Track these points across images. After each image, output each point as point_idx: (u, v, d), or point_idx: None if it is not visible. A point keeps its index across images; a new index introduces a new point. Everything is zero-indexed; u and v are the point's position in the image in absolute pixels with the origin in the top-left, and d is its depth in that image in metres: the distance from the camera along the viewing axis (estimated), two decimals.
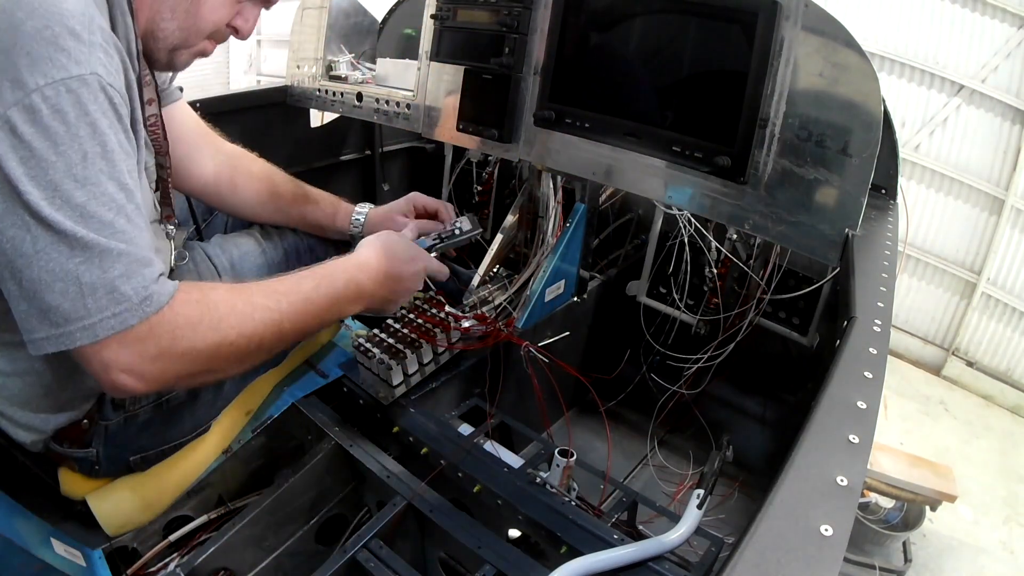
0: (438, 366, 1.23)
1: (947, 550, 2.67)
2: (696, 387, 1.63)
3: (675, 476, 1.57)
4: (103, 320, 0.68)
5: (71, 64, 0.66)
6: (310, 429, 1.14)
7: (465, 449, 1.06)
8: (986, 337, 4.08)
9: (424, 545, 1.03)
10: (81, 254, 0.67)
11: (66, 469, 0.98)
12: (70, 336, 0.68)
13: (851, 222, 1.00)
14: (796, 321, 1.54)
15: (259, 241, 1.18)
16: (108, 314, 0.68)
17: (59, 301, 0.67)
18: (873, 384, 0.67)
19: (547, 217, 1.47)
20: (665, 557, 0.88)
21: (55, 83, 0.65)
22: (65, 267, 0.67)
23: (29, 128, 0.65)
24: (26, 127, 0.65)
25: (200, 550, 0.94)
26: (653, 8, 1.16)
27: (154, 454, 1.01)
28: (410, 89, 1.52)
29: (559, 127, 1.26)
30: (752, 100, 1.02)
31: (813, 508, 0.50)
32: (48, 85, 0.65)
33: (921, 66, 3.92)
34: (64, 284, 0.67)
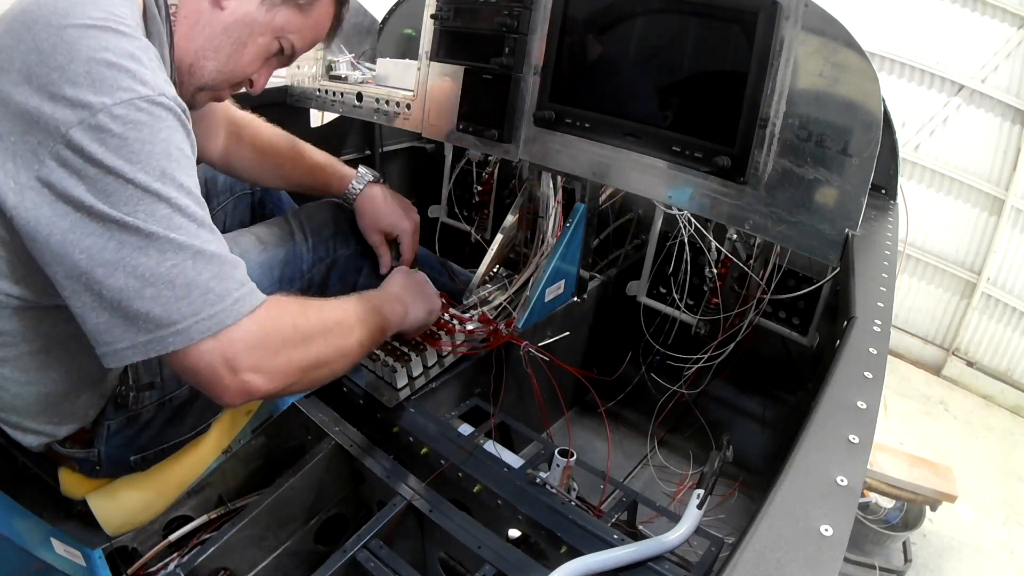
0: (442, 368, 1.23)
1: (947, 550, 2.67)
2: (696, 387, 1.63)
3: (675, 476, 1.57)
4: (198, 323, 0.67)
5: (138, 85, 0.66)
6: (310, 429, 1.14)
7: (465, 449, 1.06)
8: (986, 337, 4.08)
9: (424, 545, 1.03)
10: (173, 256, 0.66)
11: (66, 469, 0.98)
12: (162, 342, 0.67)
13: (851, 222, 1.00)
14: (796, 321, 1.54)
15: (260, 240, 1.18)
16: (203, 315, 0.67)
17: (149, 307, 0.65)
18: (873, 384, 0.67)
19: (547, 217, 1.47)
20: (665, 557, 0.88)
21: (124, 103, 0.64)
22: (157, 271, 0.65)
23: (98, 147, 0.63)
24: (95, 146, 0.63)
25: (200, 550, 0.94)
26: (653, 8, 1.16)
27: (154, 453, 1.01)
28: (410, 89, 1.52)
29: (559, 127, 1.26)
30: (752, 100, 1.02)
31: (813, 508, 0.50)
32: (117, 104, 0.64)
33: (921, 66, 3.92)
34: (156, 289, 0.65)
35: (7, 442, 0.93)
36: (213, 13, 0.84)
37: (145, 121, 0.66)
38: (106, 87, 0.64)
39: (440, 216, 2.14)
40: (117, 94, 0.64)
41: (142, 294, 0.65)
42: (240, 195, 1.37)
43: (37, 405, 0.85)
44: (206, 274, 0.68)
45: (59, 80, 0.64)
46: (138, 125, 0.65)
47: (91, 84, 0.64)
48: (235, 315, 0.70)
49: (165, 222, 0.66)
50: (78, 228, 0.64)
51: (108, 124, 0.64)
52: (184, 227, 0.67)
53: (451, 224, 2.13)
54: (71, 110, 0.63)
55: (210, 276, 0.68)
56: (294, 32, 0.91)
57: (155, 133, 0.66)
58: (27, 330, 0.77)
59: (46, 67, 0.64)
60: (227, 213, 1.36)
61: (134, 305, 0.65)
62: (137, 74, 0.66)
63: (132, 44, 0.68)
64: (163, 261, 0.66)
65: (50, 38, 0.65)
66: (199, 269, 0.67)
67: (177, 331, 0.67)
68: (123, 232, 0.64)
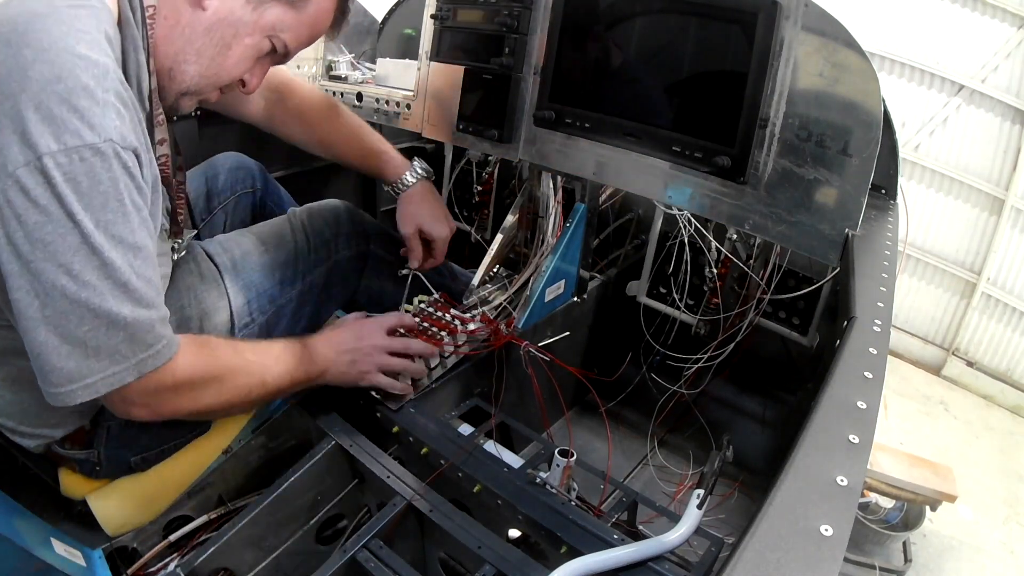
0: (444, 369, 1.23)
1: (947, 550, 2.67)
2: (696, 387, 1.63)
3: (675, 476, 1.57)
4: (104, 379, 0.73)
5: (84, 129, 0.65)
6: (310, 429, 1.14)
7: (465, 449, 1.06)
8: (986, 337, 4.08)
9: (424, 545, 1.03)
10: (91, 322, 0.70)
11: (66, 469, 0.98)
12: (72, 395, 0.72)
13: (851, 222, 1.00)
14: (796, 321, 1.54)
15: (261, 240, 1.18)
16: (108, 373, 0.73)
17: (63, 363, 0.70)
18: (873, 384, 0.67)
19: (547, 217, 1.47)
20: (665, 557, 0.88)
21: (68, 150, 0.65)
22: (75, 333, 0.69)
23: (43, 192, 0.65)
24: (40, 190, 0.65)
25: (200, 550, 0.94)
26: (653, 8, 1.16)
27: (154, 454, 1.01)
28: (410, 89, 1.52)
29: (559, 127, 1.26)
30: (752, 100, 1.02)
31: (813, 508, 0.50)
32: (61, 152, 0.64)
33: (921, 66, 3.92)
34: (71, 347, 0.70)
35: (7, 443, 0.93)
36: (194, 14, 0.80)
37: (87, 172, 0.66)
38: (53, 129, 0.64)
39: None
40: (63, 138, 0.64)
41: (59, 350, 0.70)
42: (241, 194, 1.37)
43: (33, 410, 0.86)
44: (116, 339, 0.72)
45: (10, 110, 0.64)
46: (80, 175, 0.66)
47: (40, 121, 0.64)
48: (136, 374, 0.75)
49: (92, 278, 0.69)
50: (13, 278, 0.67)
51: (52, 171, 0.64)
52: (108, 289, 0.70)
53: None
54: (19, 148, 0.64)
55: (120, 340, 0.73)
56: (286, 30, 0.87)
57: (95, 185, 0.67)
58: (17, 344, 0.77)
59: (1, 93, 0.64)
60: (228, 212, 1.36)
61: (52, 360, 0.70)
62: (86, 114, 0.66)
63: (87, 72, 0.66)
64: (81, 325, 0.70)
65: (6, 60, 0.64)
66: (111, 334, 0.72)
67: (85, 386, 0.72)
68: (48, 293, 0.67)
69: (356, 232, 1.30)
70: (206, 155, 1.46)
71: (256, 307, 1.11)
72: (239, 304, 1.08)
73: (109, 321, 0.71)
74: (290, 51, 0.91)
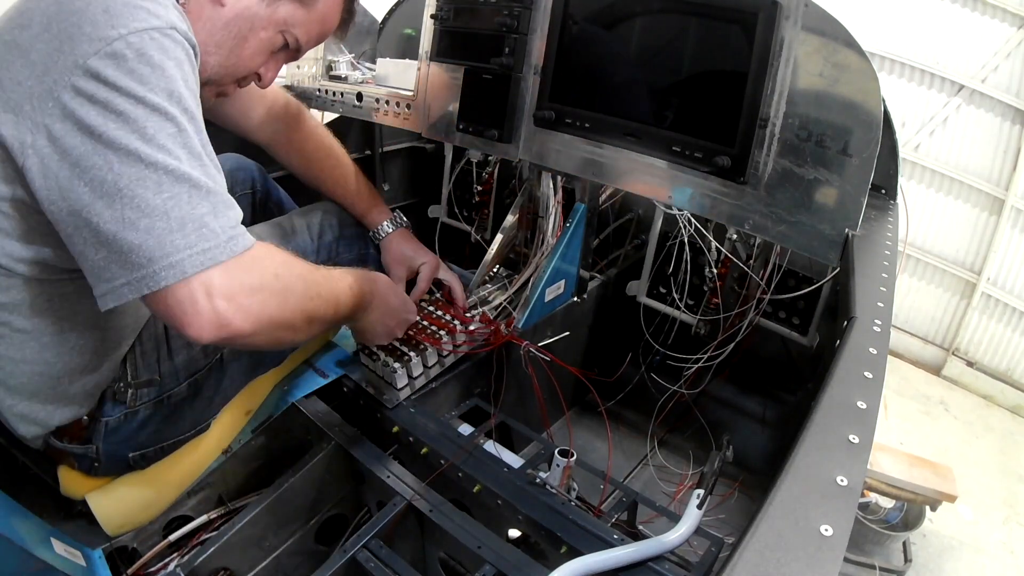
0: (443, 368, 1.23)
1: (947, 550, 2.67)
2: (696, 387, 1.63)
3: (675, 476, 1.57)
4: (191, 256, 0.67)
5: (151, 18, 0.69)
6: (310, 429, 1.14)
7: (465, 449, 1.06)
8: (986, 337, 4.08)
9: (424, 545, 1.03)
10: (169, 188, 0.66)
11: (66, 468, 0.98)
12: (154, 277, 0.66)
13: (851, 222, 1.00)
14: (796, 321, 1.54)
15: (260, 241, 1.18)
16: (197, 250, 0.67)
17: (143, 239, 0.65)
18: (873, 384, 0.67)
19: (547, 217, 1.47)
20: (665, 557, 0.88)
21: (138, 32, 0.67)
22: (152, 202, 0.65)
23: (113, 71, 0.66)
24: (110, 71, 0.66)
25: (200, 550, 0.94)
26: (653, 8, 1.16)
27: (153, 452, 1.01)
28: (410, 89, 1.52)
29: (559, 127, 1.26)
30: (752, 100, 1.02)
31: (813, 508, 0.50)
32: (131, 33, 0.67)
33: (921, 66, 3.92)
34: (150, 220, 0.65)
35: (8, 441, 0.93)
36: (214, 9, 0.85)
37: (157, 48, 0.69)
38: (122, 20, 0.67)
39: (440, 216, 2.14)
40: (132, 24, 0.68)
41: (137, 226, 0.65)
42: (241, 195, 1.37)
43: (31, 385, 0.86)
44: (201, 208, 0.68)
45: (78, 21, 0.67)
46: (151, 51, 0.68)
47: (108, 19, 0.67)
48: (228, 252, 0.69)
49: (168, 144, 0.67)
50: (84, 160, 0.65)
51: (123, 51, 0.66)
52: (185, 154, 0.69)
53: (451, 224, 2.13)
54: (88, 43, 0.66)
55: (205, 211, 0.68)
56: (298, 26, 0.92)
57: (165, 59, 0.69)
58: (24, 307, 0.78)
59: (65, 12, 0.67)
60: None
61: (129, 237, 0.65)
62: (152, 10, 0.70)
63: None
64: (159, 192, 0.66)
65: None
66: (194, 203, 0.68)
67: (170, 264, 0.66)
68: (123, 162, 0.65)
69: (357, 235, 1.31)
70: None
71: None
72: None
73: (191, 185, 0.68)
74: (302, 47, 0.96)
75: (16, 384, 0.85)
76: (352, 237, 1.29)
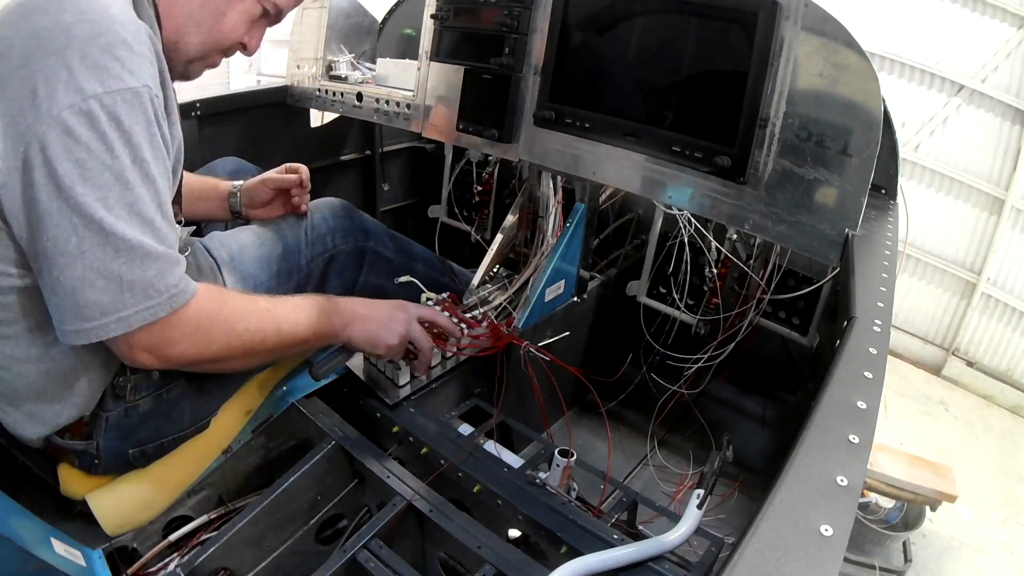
0: (445, 370, 1.23)
1: (947, 550, 2.67)
2: (696, 387, 1.63)
3: (675, 476, 1.57)
4: (137, 312, 0.75)
5: (125, 75, 0.71)
6: (310, 429, 1.14)
7: (465, 449, 1.06)
8: (986, 337, 4.08)
9: (424, 545, 1.03)
10: (126, 255, 0.73)
11: (66, 467, 0.98)
12: (104, 328, 0.74)
13: (851, 222, 1.00)
14: (796, 321, 1.54)
15: (258, 235, 1.19)
16: (142, 307, 0.75)
17: (98, 296, 0.73)
18: (873, 384, 0.67)
19: (547, 217, 1.47)
20: (665, 557, 0.88)
21: (112, 92, 0.70)
22: (109, 266, 0.72)
23: (86, 131, 0.69)
24: (83, 130, 0.69)
25: (200, 550, 0.94)
26: (653, 8, 1.16)
27: (153, 448, 1.01)
28: (410, 89, 1.52)
29: (559, 127, 1.26)
30: (752, 100, 1.02)
31: (813, 508, 0.50)
32: (106, 94, 0.70)
33: (921, 66, 3.92)
34: (106, 282, 0.73)
35: (8, 441, 0.93)
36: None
37: (128, 110, 0.72)
38: (98, 74, 0.69)
39: (440, 216, 2.14)
40: (107, 82, 0.70)
41: (94, 285, 0.72)
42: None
43: (37, 385, 0.86)
44: (150, 272, 0.76)
45: (55, 64, 0.68)
46: (122, 115, 0.71)
47: (84, 70, 0.69)
48: (166, 310, 0.78)
49: (126, 212, 0.73)
50: (48, 217, 0.70)
51: (96, 111, 0.69)
52: (141, 220, 0.74)
53: (451, 224, 2.13)
54: (64, 93, 0.68)
55: (153, 274, 0.76)
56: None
57: (134, 123, 0.73)
58: (30, 304, 0.80)
59: (43, 51, 0.69)
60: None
61: (86, 294, 0.72)
62: (126, 63, 0.72)
63: (125, 29, 0.72)
64: (116, 258, 0.73)
65: (48, 24, 0.69)
66: (145, 267, 0.75)
67: (119, 319, 0.74)
68: (87, 228, 0.71)
69: (354, 227, 1.31)
70: (205, 157, 1.46)
71: None
72: None
73: (143, 254, 0.74)
74: (282, 11, 0.97)
75: (23, 385, 0.86)
76: (347, 229, 1.29)
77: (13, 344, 0.82)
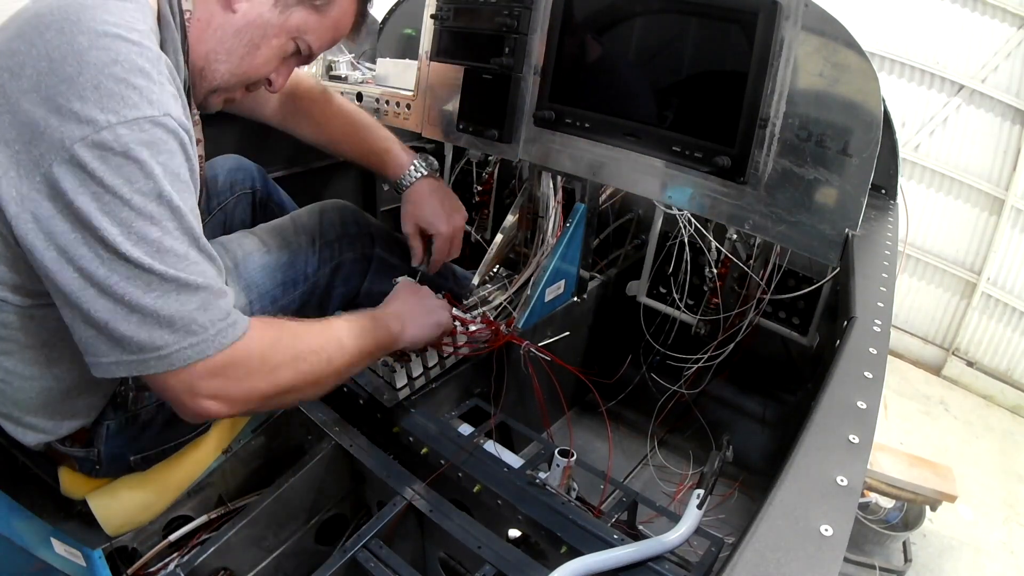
0: (443, 370, 1.23)
1: (947, 550, 2.67)
2: (696, 387, 1.63)
3: (675, 476, 1.57)
4: (180, 351, 0.69)
5: (144, 104, 0.66)
6: (310, 429, 1.14)
7: (465, 449, 1.06)
8: (986, 337, 4.08)
9: (424, 545, 1.03)
10: (159, 288, 0.67)
11: (66, 469, 0.98)
12: (144, 364, 0.69)
13: (851, 222, 1.00)
14: (796, 321, 1.54)
15: (264, 241, 1.18)
16: (185, 344, 0.69)
17: (134, 332, 0.67)
18: (873, 384, 0.67)
19: (547, 217, 1.47)
20: (665, 557, 0.88)
21: (127, 123, 0.65)
22: (142, 301, 0.67)
23: (100, 164, 0.64)
24: (96, 163, 0.64)
25: (200, 550, 0.94)
26: (653, 8, 1.16)
27: (155, 453, 1.01)
28: (410, 89, 1.52)
29: (559, 127, 1.26)
30: (752, 100, 1.02)
31: (813, 508, 0.50)
32: (121, 123, 0.64)
33: (921, 66, 3.92)
34: (141, 316, 0.67)
35: (7, 442, 0.93)
36: (225, 16, 0.83)
37: (147, 142, 0.66)
38: (113, 104, 0.64)
39: None
40: (123, 112, 0.64)
41: (128, 319, 0.67)
42: (241, 194, 1.37)
43: (39, 399, 0.85)
44: (190, 305, 0.69)
45: (67, 92, 0.64)
46: (140, 146, 0.65)
47: (98, 99, 0.64)
48: (216, 347, 0.71)
49: (155, 248, 0.67)
50: (72, 248, 0.65)
51: (111, 143, 0.64)
52: (172, 255, 0.68)
53: None
54: (76, 124, 0.63)
55: (195, 307, 0.70)
56: (310, 32, 0.90)
57: (155, 155, 0.67)
58: (32, 325, 0.78)
59: (55, 77, 0.64)
60: (227, 212, 1.35)
61: (120, 328, 0.67)
62: (144, 91, 0.66)
63: (143, 56, 0.68)
64: (149, 292, 0.67)
65: (61, 46, 0.65)
66: (183, 300, 0.69)
67: (160, 356, 0.69)
68: (113, 259, 0.65)
69: (361, 234, 1.30)
70: (206, 156, 1.46)
71: (258, 308, 1.11)
72: (241, 305, 1.08)
73: (179, 285, 0.68)
74: (314, 52, 0.94)
75: (25, 399, 0.85)
76: (354, 236, 1.28)
77: (16, 360, 0.81)
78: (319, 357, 0.85)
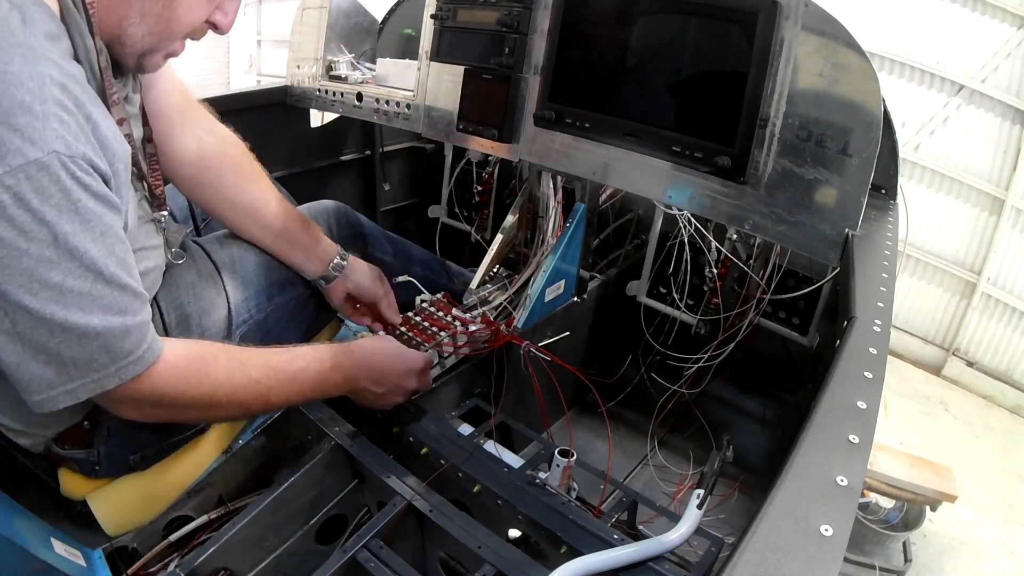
0: (443, 370, 1.23)
1: (947, 550, 2.67)
2: (696, 387, 1.63)
3: (675, 476, 1.57)
4: (84, 384, 0.74)
5: (26, 146, 0.63)
6: (310, 429, 1.14)
7: (465, 449, 1.06)
8: (986, 337, 4.08)
9: (424, 545, 1.03)
10: (60, 335, 0.70)
11: (66, 469, 0.98)
12: (54, 400, 0.73)
13: (851, 222, 1.00)
14: (796, 321, 1.54)
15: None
16: (88, 380, 0.74)
17: (43, 371, 0.71)
18: (873, 384, 0.67)
19: (547, 217, 1.47)
20: (665, 557, 0.88)
21: (13, 171, 0.63)
22: (47, 346, 0.70)
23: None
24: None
25: (200, 550, 0.94)
26: (653, 8, 1.16)
27: (154, 453, 1.01)
28: (410, 89, 1.52)
29: (559, 127, 1.26)
30: (752, 100, 1.02)
31: (813, 508, 0.50)
32: (6, 174, 0.63)
33: (921, 66, 3.92)
34: (47, 357, 0.71)
35: (7, 443, 0.93)
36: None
37: (35, 188, 0.64)
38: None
39: (440, 216, 2.14)
40: (6, 160, 0.63)
41: (35, 360, 0.71)
42: None
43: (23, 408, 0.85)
44: (90, 348, 0.72)
45: None
46: (29, 193, 0.64)
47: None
48: (119, 380, 0.76)
49: (57, 291, 0.68)
50: None
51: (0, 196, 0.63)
52: (75, 294, 0.70)
53: (451, 224, 2.13)
54: None
55: (94, 350, 0.73)
56: None
57: (45, 200, 0.65)
58: None
59: None
60: None
61: (30, 368, 0.71)
62: (26, 132, 0.64)
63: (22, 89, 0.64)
64: (52, 339, 0.70)
65: None
66: (84, 345, 0.72)
67: (67, 391, 0.73)
68: (17, 311, 0.67)
69: (354, 234, 1.31)
70: None
71: (254, 304, 1.11)
72: (237, 301, 1.08)
73: (79, 333, 0.71)
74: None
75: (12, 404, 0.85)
76: (348, 236, 1.29)
77: None
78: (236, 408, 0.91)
